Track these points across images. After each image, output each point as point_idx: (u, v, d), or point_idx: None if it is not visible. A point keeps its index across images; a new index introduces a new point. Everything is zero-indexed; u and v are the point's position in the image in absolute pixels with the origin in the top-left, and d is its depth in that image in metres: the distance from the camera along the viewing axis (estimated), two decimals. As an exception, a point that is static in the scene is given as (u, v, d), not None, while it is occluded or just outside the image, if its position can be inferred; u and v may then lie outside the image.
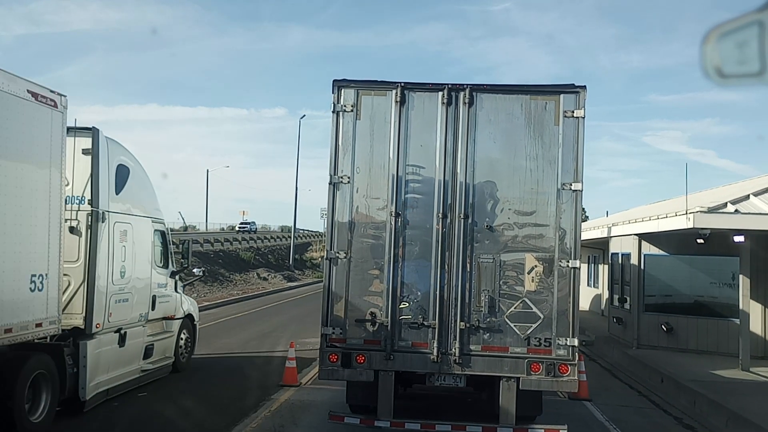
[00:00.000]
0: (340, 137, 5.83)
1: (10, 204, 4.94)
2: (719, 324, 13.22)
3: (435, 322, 5.68)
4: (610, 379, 11.99)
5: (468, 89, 5.87)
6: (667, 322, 13.25)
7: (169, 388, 8.10)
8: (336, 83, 5.94)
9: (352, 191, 5.76)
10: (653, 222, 13.12)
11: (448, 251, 5.73)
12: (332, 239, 5.78)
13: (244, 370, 9.44)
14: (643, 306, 14.13)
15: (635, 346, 13.61)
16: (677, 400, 9.78)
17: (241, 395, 7.39)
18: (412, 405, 7.02)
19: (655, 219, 13.07)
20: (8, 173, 4.68)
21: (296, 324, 16.53)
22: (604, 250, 21.34)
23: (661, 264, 14.22)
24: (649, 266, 13.90)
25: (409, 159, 5.80)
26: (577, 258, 5.74)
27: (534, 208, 5.76)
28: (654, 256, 14.11)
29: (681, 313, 13.67)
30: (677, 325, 13.37)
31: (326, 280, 5.81)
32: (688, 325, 13.28)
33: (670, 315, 13.59)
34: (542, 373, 5.51)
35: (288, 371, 9.95)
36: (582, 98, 5.79)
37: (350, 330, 5.69)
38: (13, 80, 5.23)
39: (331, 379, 5.86)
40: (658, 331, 13.71)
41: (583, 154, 5.80)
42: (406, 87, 5.88)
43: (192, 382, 8.52)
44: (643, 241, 14.56)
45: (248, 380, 8.59)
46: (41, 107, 5.39)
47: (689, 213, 10.68)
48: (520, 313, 5.68)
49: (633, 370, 12.70)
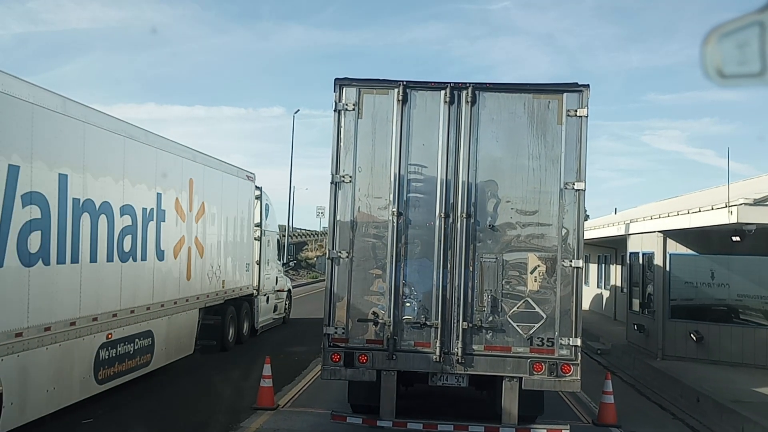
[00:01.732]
0: (341, 136, 7.13)
1: (237, 229, 13.37)
2: (757, 333, 13.41)
3: (437, 321, 6.96)
4: (636, 398, 11.94)
5: (470, 88, 7.09)
6: (697, 330, 13.65)
7: (284, 331, 17.94)
8: (338, 82, 7.17)
9: (354, 190, 7.07)
10: (683, 217, 12.91)
11: (451, 251, 7.00)
12: (334, 239, 7.09)
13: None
14: (668, 312, 14.33)
15: (660, 357, 13.92)
16: (720, 426, 9.59)
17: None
18: (414, 405, 8.12)
19: (684, 214, 12.85)
20: (237, 214, 12.77)
21: (286, 330, 19.63)
22: (617, 249, 21.89)
23: (689, 265, 14.60)
24: (676, 267, 14.32)
25: (411, 158, 7.09)
26: (580, 258, 7.01)
27: (537, 207, 7.03)
28: (681, 256, 14.47)
29: (713, 320, 13.97)
30: (708, 334, 13.69)
31: (328, 279, 7.09)
32: (720, 334, 13.65)
33: (700, 322, 13.91)
34: (545, 373, 6.82)
35: (263, 392, 9.70)
36: (585, 97, 7.01)
37: (353, 330, 7.01)
38: (241, 171, 13.81)
39: (333, 378, 7.13)
40: (686, 341, 13.92)
41: (586, 154, 7.03)
42: (409, 86, 7.13)
43: (293, 328, 18.42)
44: (668, 239, 14.49)
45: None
46: (248, 182, 13.91)
47: (731, 206, 10.59)
48: (522, 313, 6.95)
49: (661, 385, 12.53)
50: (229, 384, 10.92)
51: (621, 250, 21.70)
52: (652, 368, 13.48)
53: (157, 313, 10.22)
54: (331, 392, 10.28)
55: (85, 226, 8.12)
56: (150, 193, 10.04)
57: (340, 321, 7.20)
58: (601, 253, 25.78)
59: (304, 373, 12.61)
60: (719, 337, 13.75)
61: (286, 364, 13.17)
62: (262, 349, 13.49)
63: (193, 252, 11.71)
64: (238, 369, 12.11)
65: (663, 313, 14.37)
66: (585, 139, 7.11)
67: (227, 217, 13.75)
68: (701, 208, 12.13)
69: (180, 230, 11.17)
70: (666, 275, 14.44)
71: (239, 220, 14.43)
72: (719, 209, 11.15)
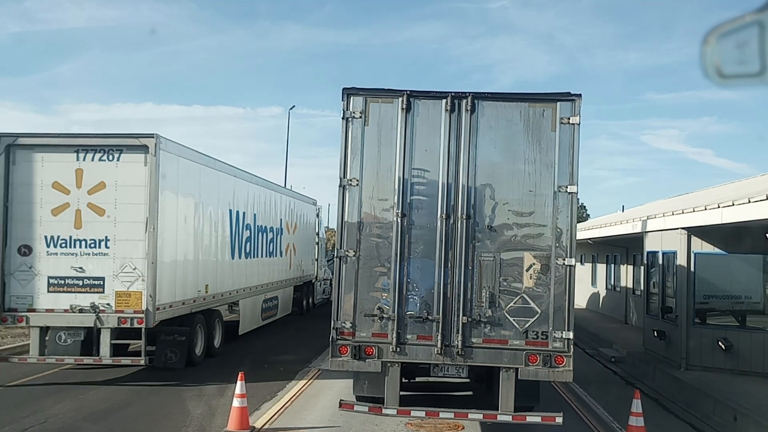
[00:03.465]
0: (349, 142, 9.14)
1: (307, 238, 27.22)
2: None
3: (439, 316, 8.96)
4: (662, 415, 12.41)
5: (470, 97, 9.03)
6: (725, 338, 14.59)
7: (286, 329, 23.68)
8: (345, 91, 9.18)
9: (361, 193, 9.13)
10: (713, 212, 13.36)
11: (451, 250, 9.01)
12: (342, 239, 9.15)
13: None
14: (693, 317, 15.20)
15: (684, 367, 14.89)
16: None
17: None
18: (417, 398, 10.30)
19: (714, 208, 13.25)
20: (307, 228, 26.74)
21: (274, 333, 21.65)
22: (628, 248, 23.99)
23: (716, 265, 15.54)
24: (701, 268, 15.32)
25: (415, 163, 9.14)
26: (573, 256, 8.83)
27: (532, 209, 8.95)
28: (707, 255, 15.33)
29: (743, 327, 14.93)
30: (738, 342, 14.56)
31: (337, 276, 9.15)
32: (752, 342, 14.56)
33: (729, 329, 14.86)
34: (539, 364, 8.83)
35: (235, 413, 10.08)
36: (578, 106, 8.92)
37: (359, 324, 9.09)
38: (310, 199, 28.67)
39: (341, 369, 9.23)
40: (712, 349, 14.76)
41: (578, 159, 8.85)
42: (412, 95, 9.14)
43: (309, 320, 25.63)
44: (693, 237, 15.29)
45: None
46: (313, 206, 28.21)
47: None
48: (518, 308, 8.91)
49: (688, 400, 13.06)
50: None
51: (633, 249, 23.02)
52: (676, 379, 14.20)
53: (279, 285, 22.91)
54: (315, 411, 11.54)
55: (259, 240, 20.17)
56: (277, 220, 22.40)
57: (348, 315, 9.22)
58: (610, 253, 27.51)
59: (288, 386, 13.59)
60: (750, 346, 14.57)
61: (273, 373, 14.67)
62: (312, 322, 25.00)
63: (290, 252, 24.57)
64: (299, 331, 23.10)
65: (687, 319, 15.14)
66: (578, 145, 8.98)
67: (303, 230, 26.48)
68: (734, 202, 12.58)
69: (286, 240, 23.71)
70: (690, 276, 15.24)
71: (308, 231, 27.75)
72: (759, 201, 11.66)
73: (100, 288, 13.56)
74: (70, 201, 13.62)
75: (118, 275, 13.54)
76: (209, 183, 16.40)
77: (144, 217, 13.46)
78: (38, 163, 13.67)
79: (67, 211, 13.63)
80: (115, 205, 13.56)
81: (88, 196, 13.62)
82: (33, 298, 13.59)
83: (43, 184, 13.61)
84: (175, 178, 14.35)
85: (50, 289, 13.58)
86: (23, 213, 13.57)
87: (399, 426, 10.69)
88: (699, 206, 14.50)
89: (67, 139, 13.93)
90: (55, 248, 13.63)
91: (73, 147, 13.67)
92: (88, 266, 13.63)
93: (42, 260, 13.55)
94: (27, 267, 13.60)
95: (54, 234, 13.61)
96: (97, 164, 13.62)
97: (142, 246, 13.42)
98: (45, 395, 12.72)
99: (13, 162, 13.62)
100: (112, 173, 13.57)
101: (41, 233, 13.56)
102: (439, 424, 10.60)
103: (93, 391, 13.06)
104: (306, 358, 17.02)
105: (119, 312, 13.47)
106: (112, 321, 13.47)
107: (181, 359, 14.76)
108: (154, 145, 13.50)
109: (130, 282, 13.60)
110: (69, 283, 13.63)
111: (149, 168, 13.47)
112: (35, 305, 13.61)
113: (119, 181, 13.55)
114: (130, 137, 13.72)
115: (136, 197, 13.50)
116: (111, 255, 13.55)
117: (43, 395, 12.74)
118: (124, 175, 13.56)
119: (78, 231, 13.58)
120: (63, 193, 13.68)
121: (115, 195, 13.60)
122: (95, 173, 13.55)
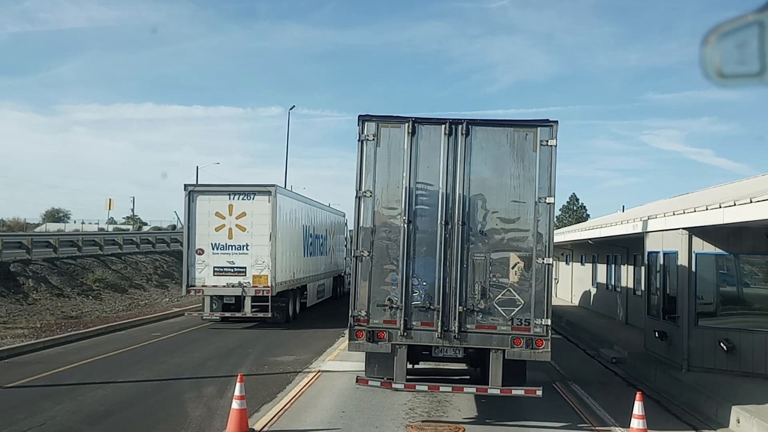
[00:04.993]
0: (363, 160, 12.43)
1: (338, 241, 42.64)
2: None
3: (439, 306, 12.22)
4: (664, 417, 13.53)
5: (465, 123, 12.26)
6: (727, 339, 15.93)
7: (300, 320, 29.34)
8: (361, 118, 12.49)
9: (374, 203, 12.47)
10: (714, 212, 14.27)
11: (449, 250, 12.19)
12: (358, 241, 12.49)
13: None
14: (694, 318, 16.52)
15: (685, 368, 16.14)
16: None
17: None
18: (420, 381, 12.77)
19: (716, 208, 14.04)
20: (338, 234, 42.10)
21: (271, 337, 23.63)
22: (629, 248, 26.56)
23: (718, 266, 17.04)
24: (702, 268, 16.81)
25: (419, 177, 12.40)
26: (551, 256, 11.80)
27: (517, 216, 12.09)
28: (709, 256, 16.80)
29: (746, 328, 16.18)
30: (740, 343, 15.86)
31: (353, 273, 12.53)
32: (754, 343, 15.91)
33: (731, 330, 16.13)
34: (523, 346, 12.14)
35: (234, 415, 11.11)
36: (555, 130, 12.07)
37: (373, 312, 12.49)
38: (341, 212, 45.55)
39: (358, 351, 12.75)
40: (714, 350, 16.00)
41: (555, 174, 11.83)
42: (417, 121, 12.39)
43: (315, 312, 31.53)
44: (694, 237, 16.55)
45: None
46: (343, 217, 44.07)
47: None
48: (505, 300, 12.08)
49: (690, 402, 14.10)
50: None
51: (634, 249, 25.09)
52: (678, 381, 15.33)
53: (325, 275, 37.49)
54: (315, 413, 13.02)
55: (316, 243, 33.95)
56: (323, 229, 36.37)
57: (363, 305, 12.36)
58: (610, 253, 30.09)
59: (289, 387, 15.15)
60: (753, 347, 15.88)
61: (269, 377, 16.19)
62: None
63: (331, 252, 39.13)
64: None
65: (688, 319, 16.47)
66: (555, 163, 11.91)
67: (336, 235, 40.14)
68: (736, 201, 13.55)
69: (328, 243, 38.14)
70: (691, 277, 16.63)
71: (339, 236, 41.80)
72: (760, 201, 12.58)
73: (243, 273, 27.24)
74: (225, 223, 26.98)
75: (253, 266, 26.86)
76: (297, 209, 30.10)
77: (268, 231, 26.53)
78: (206, 201, 27.03)
79: (224, 229, 26.96)
80: (252, 225, 26.71)
81: (235, 220, 26.95)
82: (205, 279, 26.63)
83: (210, 213, 26.47)
84: (283, 208, 27.14)
85: (215, 273, 26.91)
86: (199, 230, 26.58)
87: (399, 428, 12.47)
88: (700, 206, 15.78)
89: (224, 188, 26.81)
90: (216, 250, 26.83)
91: (227, 192, 26.93)
92: (236, 261, 27.26)
93: (210, 257, 26.91)
94: (201, 261, 26.67)
95: (216, 242, 26.94)
96: (242, 202, 27.05)
97: (267, 249, 26.23)
98: (43, 397, 14.38)
99: (192, 200, 26.83)
100: (250, 207, 27.06)
101: (209, 241, 26.54)
102: (440, 427, 12.70)
103: (92, 393, 14.70)
104: (330, 340, 24.35)
105: (255, 287, 26.77)
106: (250, 292, 26.68)
107: (283, 317, 28.24)
108: (274, 190, 26.54)
109: (260, 269, 27.14)
110: (225, 271, 27.10)
111: (271, 204, 26.59)
112: (206, 283, 26.62)
113: (254, 212, 26.79)
114: (260, 186, 27.38)
115: (264, 220, 26.42)
116: (249, 254, 26.87)
117: (41, 397, 14.40)
118: (257, 207, 26.83)
119: (230, 240, 26.94)
120: (221, 218, 26.91)
121: (251, 219, 26.84)
122: (240, 207, 27.19)
